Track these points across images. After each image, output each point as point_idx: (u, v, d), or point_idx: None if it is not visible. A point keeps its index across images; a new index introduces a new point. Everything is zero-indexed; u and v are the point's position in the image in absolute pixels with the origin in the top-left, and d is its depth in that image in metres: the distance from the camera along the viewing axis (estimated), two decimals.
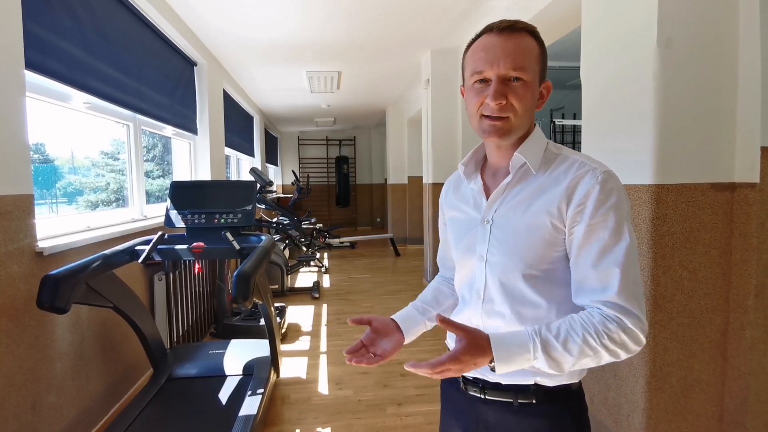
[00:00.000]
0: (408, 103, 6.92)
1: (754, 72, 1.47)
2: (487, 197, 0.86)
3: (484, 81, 0.78)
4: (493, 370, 0.72)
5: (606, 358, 0.74)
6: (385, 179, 9.55)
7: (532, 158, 0.82)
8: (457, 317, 0.93)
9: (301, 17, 3.46)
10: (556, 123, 5.98)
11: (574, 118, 6.26)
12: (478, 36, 0.82)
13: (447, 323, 0.73)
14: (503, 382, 0.84)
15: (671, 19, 1.47)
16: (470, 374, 0.88)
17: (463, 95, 0.89)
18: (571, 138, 6.72)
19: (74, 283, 1.57)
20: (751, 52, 1.48)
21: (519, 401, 0.84)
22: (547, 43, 3.12)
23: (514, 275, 0.81)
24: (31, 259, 1.65)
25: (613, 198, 0.75)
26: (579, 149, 1.37)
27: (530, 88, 0.78)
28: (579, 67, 1.88)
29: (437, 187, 4.50)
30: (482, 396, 0.87)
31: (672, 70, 1.48)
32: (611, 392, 1.71)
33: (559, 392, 0.84)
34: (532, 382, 0.83)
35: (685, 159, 1.51)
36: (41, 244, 1.72)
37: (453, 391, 0.94)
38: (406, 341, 0.94)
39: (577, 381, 0.86)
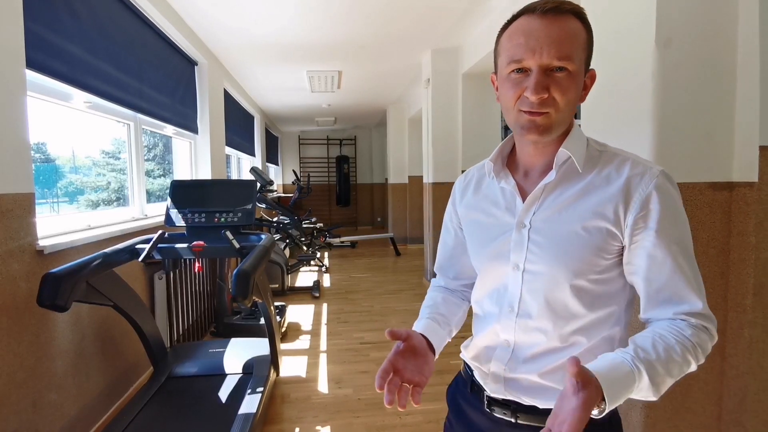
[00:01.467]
0: (408, 103, 6.93)
1: (753, 71, 1.48)
2: (523, 198, 0.77)
3: (523, 71, 0.68)
4: (598, 414, 0.59)
5: (692, 371, 0.67)
6: (386, 179, 9.55)
7: (577, 155, 0.74)
8: (481, 335, 0.82)
9: (301, 17, 3.47)
10: None
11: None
12: (515, 17, 0.71)
13: (578, 368, 0.56)
14: (540, 406, 0.75)
15: (670, 19, 1.47)
16: (499, 395, 0.79)
17: (494, 84, 0.78)
18: None
19: (75, 281, 1.58)
20: (750, 52, 1.48)
21: None
22: None
23: (559, 286, 0.72)
24: (31, 257, 1.66)
25: (677, 199, 0.71)
26: None
27: (575, 79, 0.69)
28: None
29: (437, 186, 4.51)
30: (513, 420, 0.79)
31: (671, 69, 1.48)
32: None
33: (610, 414, 0.72)
34: (598, 416, 0.66)
35: (684, 158, 1.51)
36: (42, 243, 1.72)
37: (471, 410, 0.86)
38: (435, 358, 0.81)
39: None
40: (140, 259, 2.01)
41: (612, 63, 1.68)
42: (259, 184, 4.28)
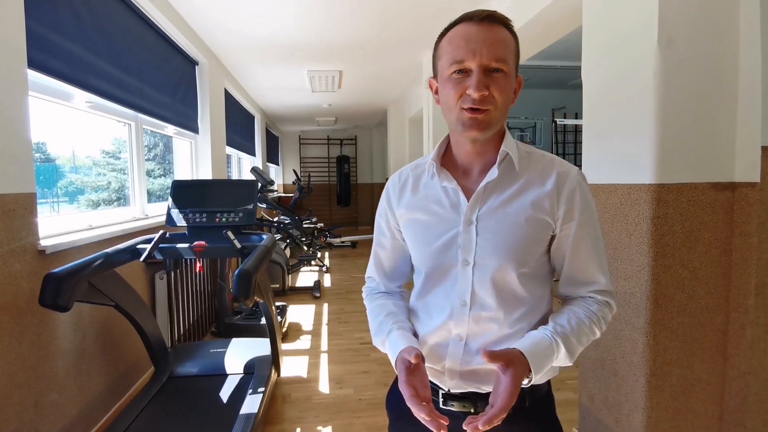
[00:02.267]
0: (409, 103, 6.93)
1: (754, 71, 1.48)
2: (466, 196, 0.81)
3: (464, 71, 0.74)
4: (528, 383, 0.72)
5: (597, 338, 0.81)
6: (386, 178, 9.54)
7: (514, 154, 0.80)
8: (429, 334, 0.85)
9: (302, 17, 3.47)
10: (558, 123, 5.97)
11: (576, 118, 6.26)
12: (453, 24, 0.78)
13: (494, 357, 0.69)
14: None
15: (672, 19, 1.47)
16: (458, 390, 0.84)
17: (431, 88, 0.83)
18: (573, 138, 6.71)
19: (76, 281, 1.58)
20: (752, 52, 1.48)
21: (512, 407, 0.78)
22: (548, 43, 3.11)
23: (508, 276, 0.78)
24: (33, 257, 1.66)
25: (591, 195, 0.81)
26: (580, 149, 1.37)
27: (510, 80, 0.76)
28: (580, 66, 1.88)
29: None
30: (472, 410, 0.83)
31: (672, 69, 1.48)
32: (611, 391, 1.72)
33: (543, 390, 0.86)
34: (527, 385, 0.78)
35: (686, 158, 1.51)
36: (43, 243, 1.72)
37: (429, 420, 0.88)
38: None
39: (552, 377, 0.87)
40: (141, 259, 2.01)
41: (614, 63, 1.68)
42: (259, 184, 4.27)
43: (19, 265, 1.59)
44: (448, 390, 0.85)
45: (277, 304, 3.43)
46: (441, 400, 0.85)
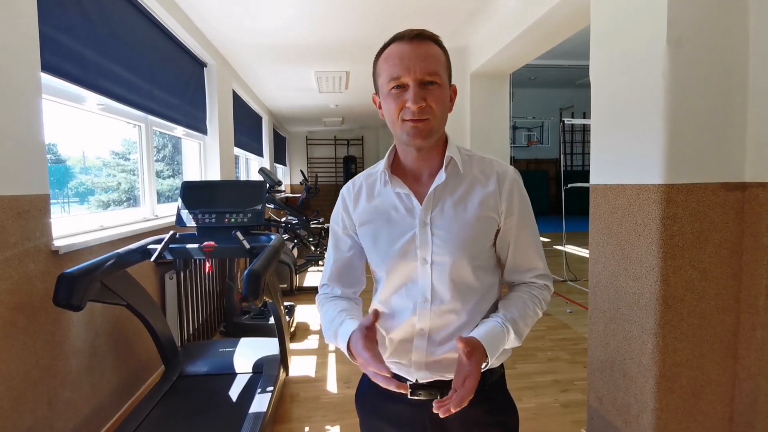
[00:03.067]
0: None
1: (764, 70, 1.46)
2: (419, 200, 0.86)
3: (402, 86, 0.80)
4: (485, 366, 0.79)
5: (539, 318, 0.91)
6: None
7: (457, 158, 0.88)
8: (394, 331, 0.90)
9: (309, 18, 3.48)
10: (566, 122, 5.95)
11: (584, 117, 6.22)
12: (387, 45, 0.84)
13: (465, 343, 0.75)
14: None
15: (681, 18, 1.46)
16: (425, 380, 0.89)
17: (375, 103, 0.90)
18: (581, 137, 6.67)
19: (89, 281, 1.60)
20: (762, 51, 1.47)
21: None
22: (556, 42, 3.11)
23: (463, 270, 0.85)
24: (47, 257, 1.69)
25: (525, 191, 0.90)
26: (588, 149, 1.37)
27: (444, 91, 0.82)
28: (588, 65, 1.87)
29: None
30: (437, 396, 0.87)
31: (682, 69, 1.47)
32: (620, 392, 1.71)
33: (499, 373, 0.94)
34: (484, 368, 0.83)
35: (696, 158, 1.50)
36: (57, 243, 1.75)
37: (390, 405, 0.93)
38: None
39: (506, 359, 0.94)
40: (152, 259, 2.03)
41: (622, 62, 1.68)
42: (267, 185, 4.30)
43: (34, 265, 1.61)
44: (416, 380, 0.90)
45: (285, 304, 3.45)
46: (409, 390, 0.89)
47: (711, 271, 1.54)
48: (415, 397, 0.89)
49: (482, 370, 0.79)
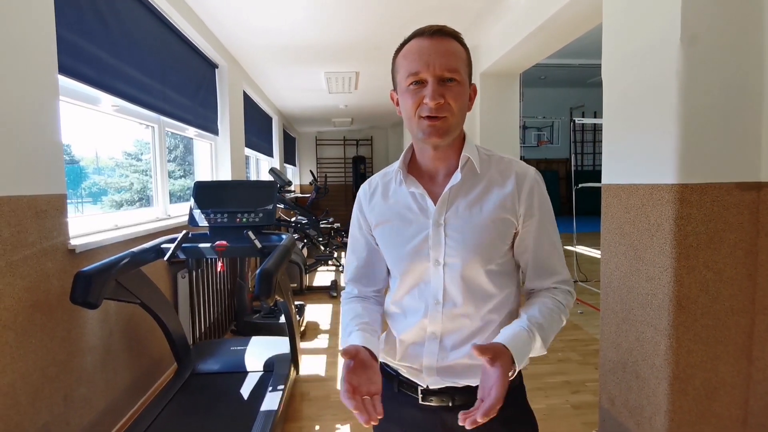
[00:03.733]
0: None
1: None
2: (433, 200, 0.85)
3: (420, 83, 0.79)
4: (513, 374, 0.73)
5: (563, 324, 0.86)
6: None
7: (475, 158, 0.85)
8: (405, 333, 0.89)
9: (318, 19, 3.50)
10: (577, 122, 5.91)
11: (594, 117, 6.17)
12: (407, 40, 0.83)
13: (483, 351, 0.71)
14: (473, 384, 0.85)
15: (695, 15, 1.45)
16: (436, 385, 0.87)
17: (393, 100, 0.89)
18: (591, 137, 6.62)
19: (105, 279, 1.63)
20: None
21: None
22: (567, 41, 3.08)
23: (476, 273, 0.83)
24: (64, 256, 1.72)
25: (546, 193, 0.86)
26: (599, 149, 1.36)
27: (464, 88, 0.80)
28: (599, 64, 1.86)
29: None
30: (449, 404, 0.87)
31: (696, 67, 1.46)
32: (633, 394, 1.70)
33: (517, 381, 0.90)
34: (512, 376, 0.80)
35: (710, 158, 1.49)
36: (73, 242, 1.78)
37: (401, 408, 0.91)
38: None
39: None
40: (165, 258, 2.06)
41: (635, 61, 1.66)
42: (278, 185, 4.33)
43: (51, 263, 1.65)
44: (427, 386, 0.88)
45: (296, 303, 3.47)
46: (420, 396, 0.89)
47: (725, 271, 1.52)
48: (426, 403, 0.88)
49: (510, 378, 0.74)
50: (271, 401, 2.02)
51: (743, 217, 1.51)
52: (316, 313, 4.06)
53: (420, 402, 0.88)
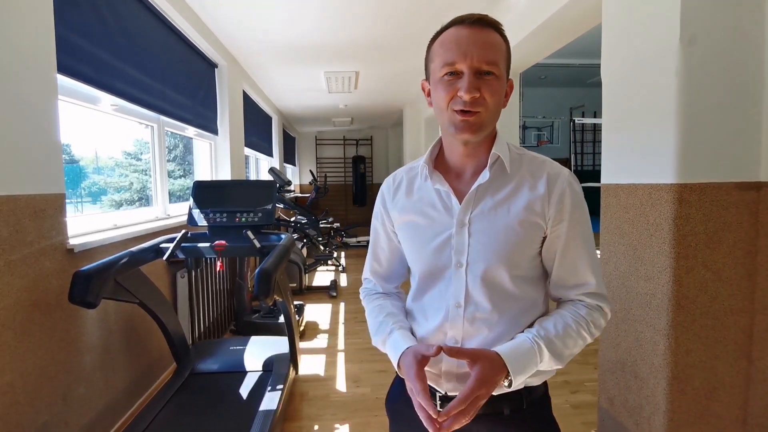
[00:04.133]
0: (425, 103, 6.90)
1: None
2: (458, 199, 0.81)
3: (455, 74, 0.74)
4: (509, 385, 0.72)
5: (588, 342, 0.80)
6: None
7: (505, 156, 0.81)
8: (429, 333, 0.85)
9: (319, 18, 3.50)
10: (576, 122, 5.90)
11: (594, 117, 6.17)
12: (445, 28, 0.78)
13: (455, 353, 0.72)
14: (495, 393, 0.79)
15: (695, 15, 1.45)
16: (455, 392, 0.84)
17: (424, 90, 0.84)
18: (591, 137, 6.62)
19: (103, 279, 1.63)
20: None
21: (509, 410, 0.82)
22: (567, 41, 3.08)
23: (501, 278, 0.79)
24: (62, 255, 1.72)
25: (582, 197, 0.81)
26: (599, 149, 1.36)
27: (501, 83, 0.76)
28: (599, 64, 1.86)
29: None
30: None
31: (695, 66, 1.46)
32: (632, 394, 1.70)
33: (540, 392, 0.86)
34: (522, 387, 0.81)
35: (709, 157, 1.49)
36: (72, 242, 1.78)
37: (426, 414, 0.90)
38: None
39: (549, 377, 0.88)
40: (164, 257, 2.06)
41: (634, 61, 1.66)
42: (277, 185, 4.33)
43: (49, 263, 1.64)
44: (445, 393, 0.85)
45: (295, 303, 3.47)
46: (438, 402, 0.86)
47: (724, 271, 1.52)
48: (443, 410, 0.86)
49: (511, 389, 0.73)
50: (271, 401, 2.02)
51: (742, 217, 1.51)
52: (316, 312, 4.06)
53: (438, 409, 0.85)
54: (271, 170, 4.43)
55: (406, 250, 0.89)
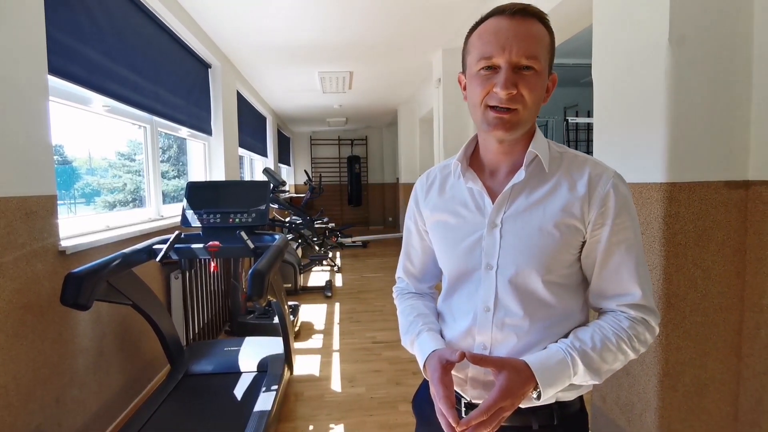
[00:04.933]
0: (419, 103, 6.93)
1: None
2: (491, 198, 0.78)
3: (492, 68, 0.71)
4: (538, 397, 0.68)
5: (631, 358, 0.74)
6: (397, 178, 9.56)
7: (543, 155, 0.77)
8: (457, 335, 0.82)
9: (313, 18, 3.50)
10: (570, 121, 5.93)
11: (588, 116, 6.21)
12: (485, 18, 0.74)
13: (480, 360, 0.69)
14: (523, 406, 0.75)
15: (683, 16, 1.46)
16: (480, 400, 0.80)
17: (461, 84, 0.81)
18: (585, 136, 6.65)
19: (96, 280, 1.62)
20: (766, 48, 1.46)
21: (538, 425, 0.78)
22: (560, 41, 3.10)
23: (533, 283, 0.75)
24: (54, 257, 1.71)
25: (630, 200, 0.75)
26: (592, 147, 1.37)
27: (541, 78, 0.72)
28: (591, 64, 1.87)
29: None
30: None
31: (684, 67, 1.47)
32: (623, 391, 1.71)
33: (575, 407, 0.81)
34: (554, 401, 0.77)
35: (698, 157, 1.50)
36: (64, 243, 1.77)
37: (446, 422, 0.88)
38: None
39: (586, 392, 0.83)
40: (158, 259, 2.05)
41: (624, 61, 1.68)
42: (271, 185, 4.32)
43: (41, 265, 1.64)
44: (470, 400, 0.82)
45: (290, 303, 3.46)
46: (463, 410, 0.83)
47: (714, 269, 1.53)
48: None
49: (540, 402, 0.69)
50: (265, 401, 2.02)
51: (731, 216, 1.53)
52: (311, 313, 4.06)
53: (463, 415, 0.81)
54: (266, 170, 4.42)
55: (437, 250, 0.86)
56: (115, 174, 3.34)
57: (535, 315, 0.76)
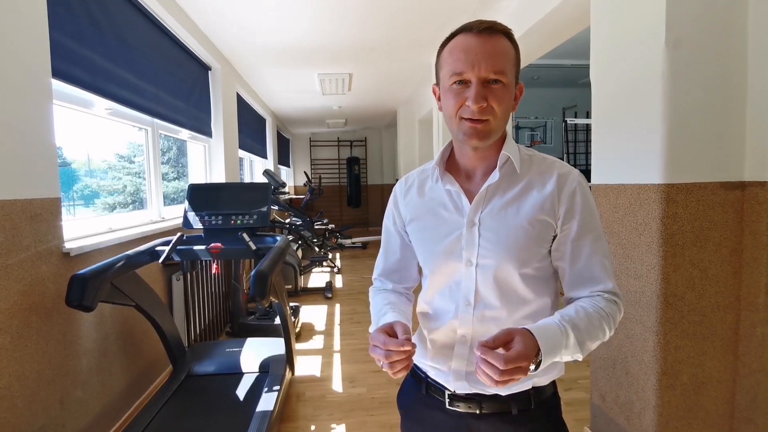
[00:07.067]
0: (418, 104, 6.95)
1: (763, 70, 1.48)
2: (469, 199, 0.83)
3: (463, 82, 0.76)
4: (536, 368, 0.69)
5: (608, 336, 0.79)
6: (396, 179, 9.58)
7: (515, 157, 0.82)
8: (439, 331, 0.86)
9: (312, 20, 3.52)
10: (569, 122, 5.95)
11: (587, 117, 6.22)
12: (454, 35, 0.79)
13: (491, 344, 0.67)
14: (502, 393, 0.82)
15: (680, 19, 1.48)
16: (463, 391, 0.85)
17: (435, 95, 0.86)
18: (584, 137, 6.67)
19: (100, 282, 1.64)
20: (761, 50, 1.49)
21: (517, 409, 0.83)
22: (558, 42, 3.11)
23: (510, 276, 0.80)
24: (58, 259, 1.72)
25: (591, 197, 0.82)
26: (590, 149, 1.38)
27: (509, 90, 0.77)
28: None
29: None
30: (477, 411, 0.84)
31: (681, 69, 1.49)
32: (622, 389, 1.73)
33: (549, 392, 0.87)
34: (530, 387, 0.83)
35: (695, 158, 1.52)
36: (68, 245, 1.79)
37: (429, 411, 0.90)
38: None
39: (557, 378, 0.89)
40: (160, 260, 2.06)
41: (622, 64, 1.70)
42: (272, 186, 4.33)
43: (46, 267, 1.65)
44: (454, 391, 0.86)
45: (291, 304, 3.48)
46: (447, 400, 0.87)
47: (711, 269, 1.55)
48: (453, 408, 0.86)
49: (534, 370, 0.68)
50: (267, 402, 2.04)
51: (728, 216, 1.55)
52: (312, 314, 4.07)
53: (447, 407, 0.86)
54: (266, 172, 4.44)
55: (417, 250, 0.91)
56: (114, 176, 3.35)
57: (513, 306, 0.81)
